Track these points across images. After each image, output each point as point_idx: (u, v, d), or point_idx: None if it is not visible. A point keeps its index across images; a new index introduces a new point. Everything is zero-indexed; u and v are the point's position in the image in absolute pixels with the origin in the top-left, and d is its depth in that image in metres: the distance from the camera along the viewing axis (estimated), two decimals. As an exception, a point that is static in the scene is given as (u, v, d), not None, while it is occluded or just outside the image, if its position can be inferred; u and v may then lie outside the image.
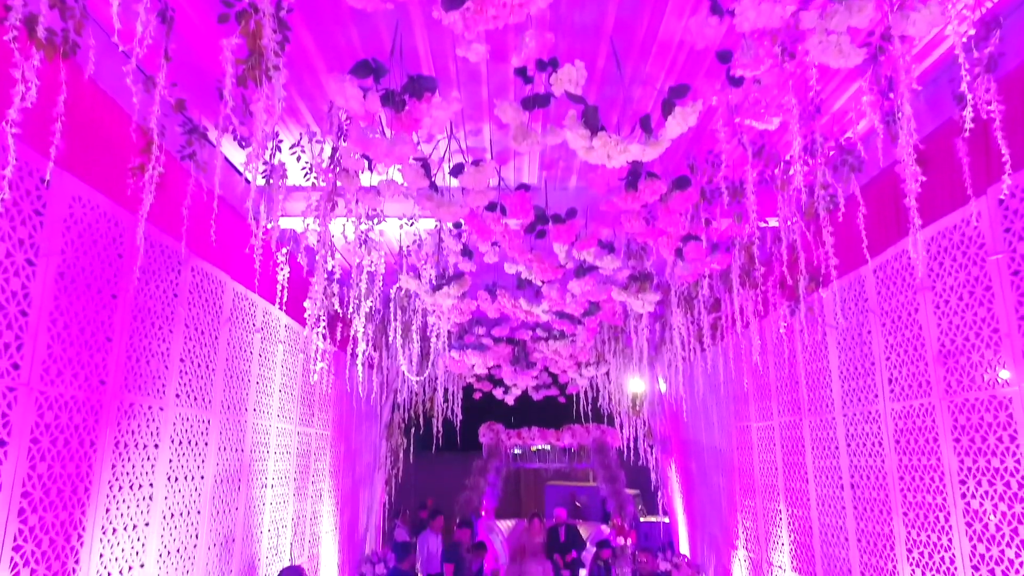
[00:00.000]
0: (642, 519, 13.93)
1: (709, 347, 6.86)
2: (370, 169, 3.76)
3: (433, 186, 3.58)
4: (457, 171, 3.48)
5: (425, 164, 3.35)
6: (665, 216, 3.97)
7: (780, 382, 6.12)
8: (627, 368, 9.39)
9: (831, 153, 4.03)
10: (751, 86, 3.00)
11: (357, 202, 3.95)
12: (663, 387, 10.09)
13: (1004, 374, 3.31)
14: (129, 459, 3.66)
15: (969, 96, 2.65)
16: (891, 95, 3.04)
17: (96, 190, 3.33)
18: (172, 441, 4.12)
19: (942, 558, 3.80)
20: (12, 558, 2.77)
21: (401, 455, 10.27)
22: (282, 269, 4.17)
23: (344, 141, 3.55)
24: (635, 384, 10.25)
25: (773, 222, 4.65)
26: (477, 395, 10.96)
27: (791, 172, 3.48)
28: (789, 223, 4.29)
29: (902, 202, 2.83)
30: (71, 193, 3.16)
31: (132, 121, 3.12)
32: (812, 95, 3.35)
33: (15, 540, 2.78)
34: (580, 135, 2.82)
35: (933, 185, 3.35)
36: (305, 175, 4.32)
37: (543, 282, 5.54)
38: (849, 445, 4.88)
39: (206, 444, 4.56)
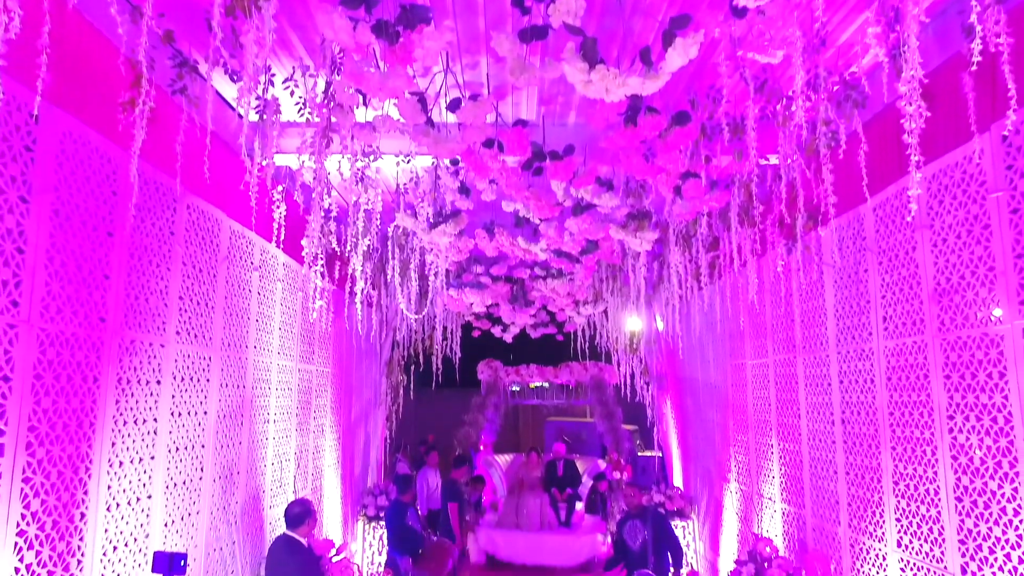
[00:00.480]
0: (640, 454, 14.27)
1: (706, 285, 6.88)
2: (365, 104, 3.69)
3: (429, 121, 3.52)
4: (454, 106, 3.42)
5: (421, 99, 3.29)
6: (664, 153, 3.92)
7: (776, 320, 6.17)
8: (625, 306, 9.45)
9: (835, 88, 3.95)
10: (755, 17, 2.92)
11: (352, 138, 3.90)
12: (660, 325, 10.18)
13: (997, 312, 3.34)
14: (132, 395, 3.72)
15: (978, 28, 2.58)
16: (898, 27, 2.96)
17: (87, 125, 3.28)
18: (174, 377, 4.18)
19: (927, 490, 3.91)
20: (22, 489, 2.85)
21: (401, 391, 10.43)
22: (278, 207, 4.14)
23: (338, 75, 3.47)
24: (632, 322, 10.33)
25: (773, 159, 4.61)
26: (476, 333, 11.06)
27: (793, 108, 3.42)
28: (789, 161, 4.25)
29: (904, 139, 2.79)
30: (61, 129, 3.11)
31: (120, 54, 3.05)
32: (817, 27, 3.26)
33: (24, 472, 2.86)
34: (578, 68, 2.76)
35: (936, 121, 3.30)
36: (299, 110, 4.24)
37: (541, 220, 5.52)
38: (841, 382, 4.96)
39: (208, 380, 4.63)
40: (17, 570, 2.82)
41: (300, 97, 4.18)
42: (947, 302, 3.73)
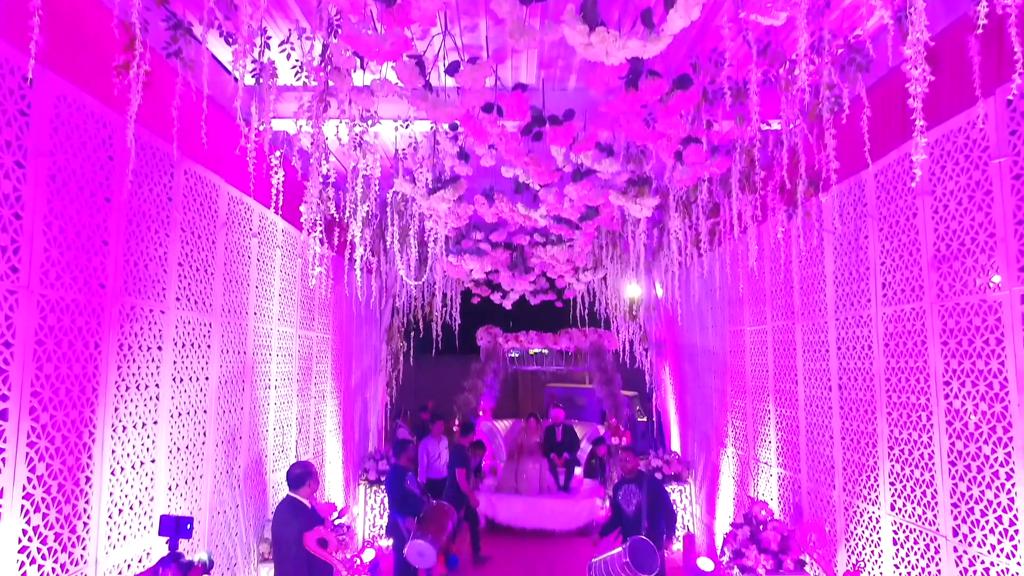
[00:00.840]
0: (640, 419, 14.40)
1: (706, 252, 6.87)
2: (362, 68, 3.64)
3: (428, 85, 3.48)
4: (453, 69, 3.37)
5: (419, 62, 3.24)
6: (665, 117, 3.88)
7: (775, 287, 6.18)
8: (624, 273, 9.45)
9: (839, 51, 3.90)
10: (759, -22, 2.86)
11: (350, 103, 3.85)
12: (660, 292, 10.19)
13: (996, 279, 3.34)
14: (134, 360, 3.74)
15: (985, -11, 2.54)
16: (904, -12, 2.91)
17: (82, 89, 3.24)
18: (175, 344, 4.20)
19: (921, 454, 3.96)
20: (27, 453, 2.88)
21: (401, 358, 10.49)
22: (276, 173, 4.11)
23: (335, 38, 3.42)
24: (632, 289, 10.35)
25: (775, 125, 4.56)
26: (475, 300, 11.08)
27: (796, 72, 3.38)
28: (791, 126, 4.21)
29: (908, 104, 2.76)
30: (56, 93, 3.07)
31: (113, 16, 3.00)
32: (822, -12, 3.21)
33: (28, 436, 2.89)
34: (578, 31, 2.72)
35: (940, 86, 3.26)
36: (296, 75, 4.19)
37: (540, 186, 5.49)
38: (839, 348, 4.98)
39: (208, 346, 4.65)
40: (24, 531, 2.86)
41: (297, 60, 4.12)
42: (946, 269, 3.73)
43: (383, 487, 8.46)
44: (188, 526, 3.27)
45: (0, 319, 2.74)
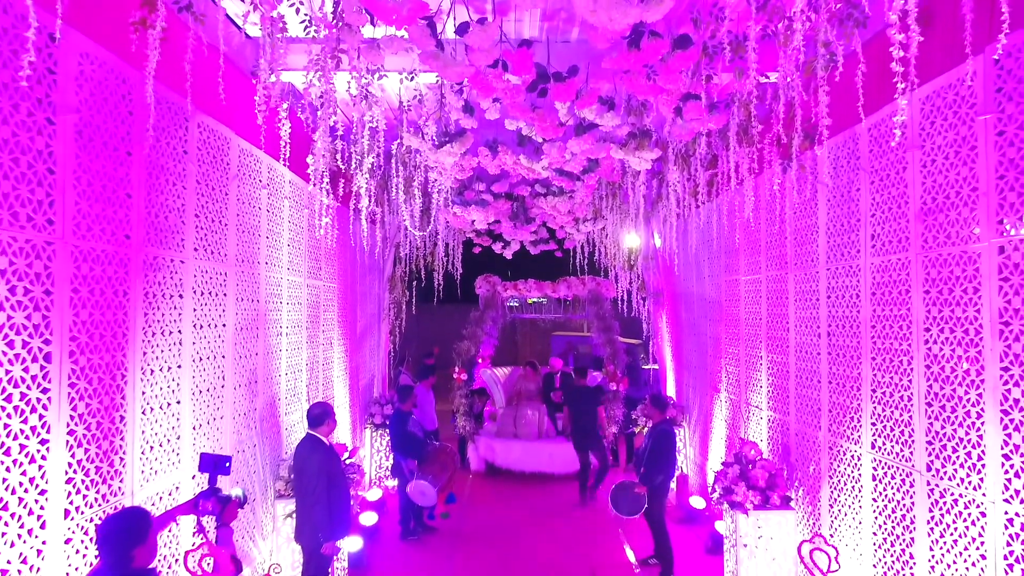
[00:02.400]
0: (644, 367, 14.70)
1: (704, 203, 7.01)
2: (372, 24, 3.73)
3: (440, 44, 3.58)
4: (463, 30, 3.47)
5: (431, 23, 3.34)
6: (666, 73, 3.99)
7: (770, 238, 6.36)
8: (623, 224, 9.60)
9: (837, 6, 3.98)
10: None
11: (358, 56, 3.95)
12: (658, 242, 10.36)
13: (977, 231, 3.52)
14: (158, 308, 3.94)
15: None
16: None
17: (102, 46, 3.34)
18: (194, 292, 4.39)
19: (901, 396, 4.20)
20: (69, 393, 3.09)
21: (404, 306, 10.71)
22: (283, 125, 4.23)
23: (347, -5, 3.50)
24: (631, 239, 10.51)
25: (774, 77, 4.66)
26: (477, 250, 11.24)
27: (795, 27, 3.47)
28: (788, 80, 4.31)
29: (900, 59, 2.89)
30: (79, 50, 3.18)
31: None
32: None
33: (69, 378, 3.10)
34: (584, -7, 2.83)
35: (933, 42, 3.38)
36: (305, 28, 4.26)
37: (544, 139, 5.60)
38: (829, 297, 5.19)
39: (225, 295, 4.84)
40: (70, 464, 3.10)
41: (305, 15, 4.20)
42: (931, 221, 3.90)
43: (388, 430, 8.77)
44: (227, 464, 3.51)
45: (40, 268, 2.93)
